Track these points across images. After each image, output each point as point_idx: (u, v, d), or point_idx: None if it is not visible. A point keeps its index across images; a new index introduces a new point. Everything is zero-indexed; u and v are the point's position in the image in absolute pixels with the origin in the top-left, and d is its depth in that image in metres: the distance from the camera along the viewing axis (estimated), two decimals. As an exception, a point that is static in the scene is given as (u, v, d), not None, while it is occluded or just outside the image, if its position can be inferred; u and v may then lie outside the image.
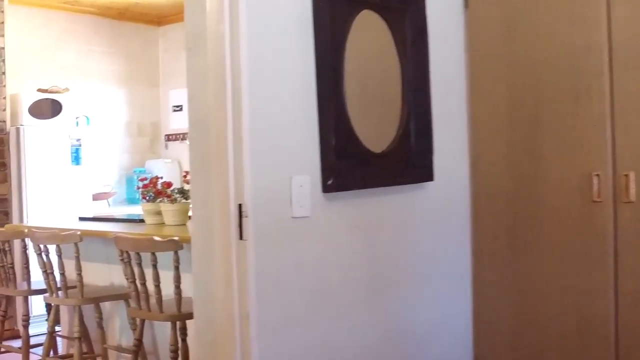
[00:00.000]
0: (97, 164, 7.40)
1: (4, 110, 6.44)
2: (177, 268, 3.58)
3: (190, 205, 4.89)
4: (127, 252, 3.75)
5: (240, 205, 2.46)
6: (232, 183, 2.47)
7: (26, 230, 4.37)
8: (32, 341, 4.66)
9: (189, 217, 4.58)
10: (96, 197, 7.11)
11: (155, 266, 3.62)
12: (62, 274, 4.14)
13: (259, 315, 2.48)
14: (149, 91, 8.16)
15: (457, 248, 3.48)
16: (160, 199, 4.54)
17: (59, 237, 4.07)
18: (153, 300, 3.70)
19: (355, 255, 2.89)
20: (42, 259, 4.20)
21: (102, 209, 7.09)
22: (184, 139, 8.00)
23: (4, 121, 6.42)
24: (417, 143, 3.17)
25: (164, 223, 4.59)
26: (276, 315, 2.56)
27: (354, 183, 2.83)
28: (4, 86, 6.43)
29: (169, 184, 4.54)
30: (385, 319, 3.04)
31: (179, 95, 8.05)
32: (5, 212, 6.39)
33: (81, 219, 5.31)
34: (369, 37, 3.02)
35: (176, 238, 3.55)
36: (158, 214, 4.61)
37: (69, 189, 6.63)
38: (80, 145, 6.71)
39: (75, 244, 4.06)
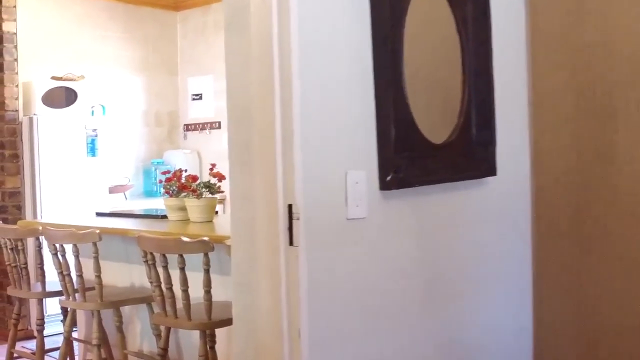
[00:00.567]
0: (113, 155, 7.07)
1: (16, 99, 6.11)
2: (207, 271, 3.25)
3: (218, 199, 4.59)
4: (151, 253, 3.42)
5: (290, 206, 2.12)
6: (280, 180, 2.12)
7: (40, 228, 4.04)
8: (47, 343, 4.34)
9: (216, 212, 4.26)
10: (113, 190, 6.79)
11: (183, 269, 3.28)
12: (80, 276, 3.82)
13: (311, 331, 2.14)
14: (167, 79, 7.83)
15: (518, 248, 3.14)
16: (185, 193, 4.20)
17: (76, 236, 3.74)
18: (179, 305, 3.37)
19: (413, 260, 2.55)
20: (58, 259, 3.88)
21: (119, 202, 6.77)
22: (203, 128, 7.67)
23: (16, 110, 6.10)
24: (478, 133, 2.82)
25: (188, 219, 4.27)
26: (330, 331, 2.22)
27: (415, 179, 2.48)
28: (16, 73, 6.10)
29: (194, 178, 4.21)
30: (444, 327, 2.70)
31: (199, 83, 7.71)
32: (18, 206, 6.08)
33: (98, 214, 4.98)
34: (428, 13, 2.68)
35: (206, 238, 3.22)
36: (182, 210, 4.29)
37: (85, 181, 6.30)
38: (96, 136, 6.38)
39: (94, 243, 3.73)
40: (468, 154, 2.80)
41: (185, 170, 4.42)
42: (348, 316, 2.29)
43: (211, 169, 4.24)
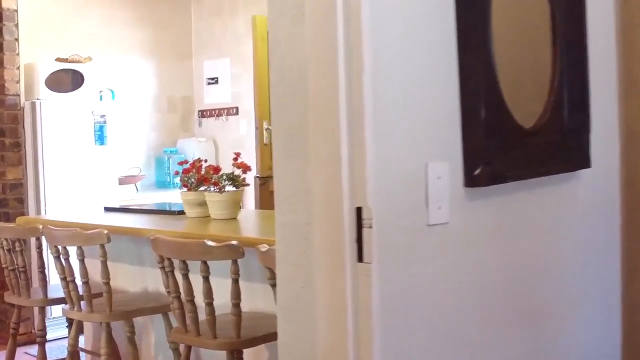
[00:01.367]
0: (123, 143, 6.56)
1: (17, 82, 5.60)
2: (236, 281, 2.73)
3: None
4: (168, 259, 2.91)
5: (359, 210, 1.59)
6: (346, 175, 1.60)
7: (41, 227, 3.53)
8: (53, 349, 3.84)
9: (240, 208, 3.74)
10: (123, 180, 6.28)
11: (207, 279, 2.77)
12: (85, 283, 3.31)
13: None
14: (181, 62, 7.30)
15: (606, 255, 2.60)
16: (205, 187, 3.69)
17: (82, 237, 3.23)
18: (201, 316, 2.86)
19: (500, 274, 2.02)
20: (61, 262, 3.37)
21: (129, 194, 6.26)
22: (219, 115, 7.14)
23: (17, 95, 5.59)
24: (571, 116, 2.28)
25: (208, 216, 3.76)
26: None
27: (510, 172, 1.95)
28: (17, 54, 5.59)
29: (216, 169, 3.69)
30: (535, 352, 2.17)
31: (214, 67, 7.19)
32: (20, 199, 5.57)
33: (107, 209, 4.47)
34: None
35: (235, 243, 2.69)
36: (201, 206, 3.77)
37: (93, 172, 5.80)
38: (104, 123, 5.87)
39: (102, 245, 3.22)
40: (559, 141, 2.27)
41: (205, 161, 3.90)
42: (429, 350, 1.77)
43: (235, 159, 3.72)
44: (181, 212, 3.95)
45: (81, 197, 5.69)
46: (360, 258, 1.60)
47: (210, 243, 2.70)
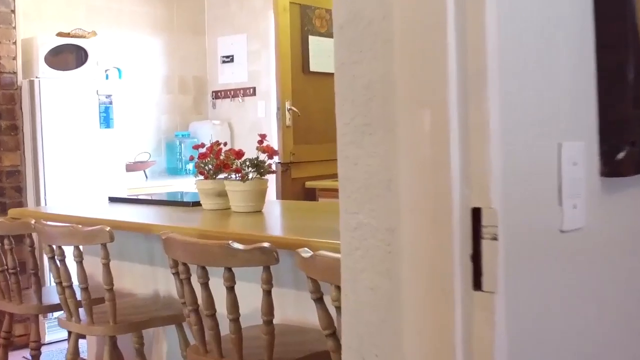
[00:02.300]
0: (131, 127, 6.04)
1: (14, 58, 5.07)
2: (268, 293, 2.20)
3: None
4: (184, 264, 2.38)
5: (476, 213, 1.06)
6: (456, 162, 1.06)
7: (33, 222, 3.01)
8: (53, 353, 3.34)
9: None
10: (131, 167, 5.76)
11: (232, 289, 2.24)
12: (85, 289, 2.79)
13: None
14: (193, 39, 6.76)
15: None
16: (225, 174, 3.16)
17: (79, 235, 2.71)
18: (223, 330, 2.34)
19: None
20: (56, 265, 2.85)
21: (138, 182, 5.74)
22: (235, 96, 6.61)
23: (14, 72, 5.06)
24: None
25: (228, 208, 3.23)
26: None
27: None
28: (14, 28, 5.06)
29: (238, 153, 3.16)
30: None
31: (230, 44, 6.65)
32: (18, 187, 5.06)
33: (112, 200, 3.94)
34: None
35: (267, 245, 2.16)
36: (220, 196, 3.25)
37: (97, 157, 5.27)
38: (110, 104, 5.34)
39: (104, 245, 2.69)
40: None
41: (225, 144, 3.36)
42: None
43: (260, 142, 3.18)
44: (197, 204, 3.43)
45: (85, 185, 5.17)
46: (477, 284, 1.06)
47: (236, 245, 2.16)
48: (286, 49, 5.11)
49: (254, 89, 6.45)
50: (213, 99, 6.81)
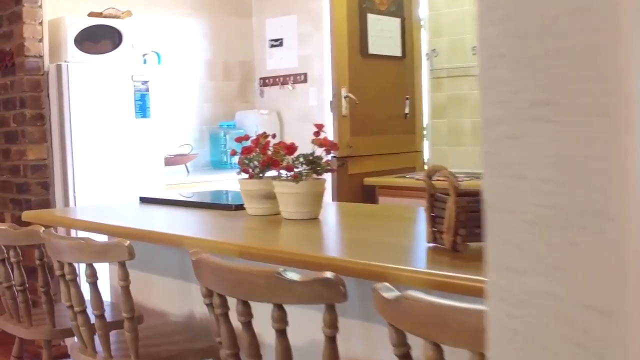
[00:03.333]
0: (170, 116, 5.52)
1: (40, 40, 4.57)
2: (332, 340, 1.62)
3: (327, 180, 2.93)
4: (220, 295, 1.81)
5: None
6: None
7: (42, 231, 2.47)
8: None
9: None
10: (170, 161, 5.24)
11: (283, 334, 1.66)
12: (100, 317, 2.24)
13: None
14: (238, 21, 6.21)
15: None
16: (276, 173, 2.60)
17: (90, 250, 2.16)
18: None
19: None
20: (67, 284, 2.31)
21: (178, 177, 5.21)
22: (284, 83, 6.04)
23: (40, 56, 4.56)
24: None
25: (277, 213, 2.67)
26: None
27: None
28: (40, 6, 4.56)
29: (290, 148, 2.59)
30: None
31: (278, 26, 6.08)
32: (44, 183, 4.56)
33: (143, 200, 3.40)
34: None
35: (331, 276, 1.57)
36: (268, 199, 2.68)
37: (133, 150, 4.75)
38: (147, 91, 4.81)
39: (122, 263, 2.14)
40: None
41: (273, 136, 2.79)
42: None
43: (317, 133, 2.60)
44: (240, 207, 2.87)
45: (118, 181, 4.65)
46: None
47: (289, 276, 1.58)
48: (342, 29, 4.53)
49: (305, 75, 5.87)
50: (260, 86, 6.25)
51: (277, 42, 6.09)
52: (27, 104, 4.51)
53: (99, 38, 4.77)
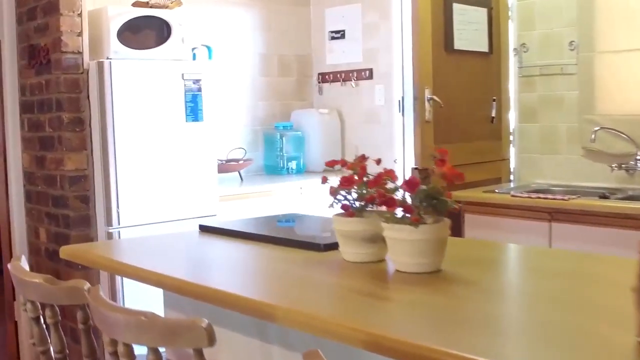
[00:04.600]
0: (221, 116, 4.95)
1: (79, 34, 4.01)
2: None
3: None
4: None
5: None
6: None
7: (87, 288, 1.90)
8: None
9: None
10: (222, 168, 4.66)
11: None
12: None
13: None
14: (295, 11, 5.60)
15: None
16: (383, 211, 2.01)
17: (156, 331, 1.57)
18: None
19: None
20: (119, 367, 1.73)
21: (231, 186, 4.63)
22: (346, 79, 5.43)
23: (79, 52, 4.00)
24: None
25: (382, 260, 2.08)
26: None
27: None
28: (79, -5, 4.00)
29: (412, 184, 1.98)
30: None
31: (340, 16, 5.47)
32: (84, 197, 4.01)
33: (203, 229, 2.82)
34: None
35: None
36: (372, 241, 2.09)
37: (183, 158, 4.18)
38: (199, 91, 4.23)
39: (198, 352, 1.56)
40: None
41: (365, 158, 2.19)
42: None
43: (442, 162, 2.00)
44: (331, 247, 2.29)
45: (167, 194, 4.09)
46: None
47: None
48: (426, 20, 3.90)
49: (371, 70, 5.26)
50: (319, 82, 5.65)
51: (338, 34, 5.49)
52: (64, 107, 3.95)
53: (145, 31, 4.19)
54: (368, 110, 5.29)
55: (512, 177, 4.68)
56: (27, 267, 2.18)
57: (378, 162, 2.25)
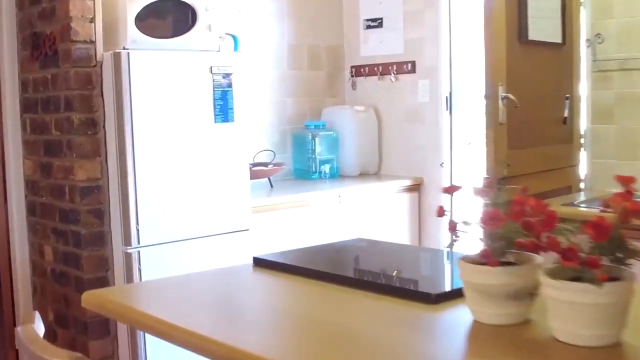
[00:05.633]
0: (250, 116, 4.37)
1: (91, 21, 3.42)
2: None
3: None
4: None
5: None
6: None
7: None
8: None
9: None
10: (251, 174, 4.07)
11: None
12: None
13: None
14: (326, -4, 5.05)
15: None
16: (535, 256, 1.45)
17: None
18: None
19: None
20: None
21: (261, 195, 4.05)
22: (384, 73, 4.86)
23: (91, 42, 3.42)
24: None
25: (527, 321, 1.51)
26: None
27: None
28: (94, -25, 3.41)
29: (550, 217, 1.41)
30: None
31: (377, 3, 4.89)
32: (98, 211, 3.43)
33: (258, 263, 2.25)
34: None
35: None
36: (516, 298, 1.52)
37: (212, 165, 3.61)
38: (230, 87, 3.66)
39: None
40: None
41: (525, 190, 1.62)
42: None
43: (628, 194, 1.42)
44: (442, 297, 1.73)
45: (195, 207, 3.51)
46: None
47: None
48: (500, 7, 3.32)
49: (413, 63, 4.69)
50: (352, 76, 5.07)
51: (376, 23, 4.91)
52: (74, 106, 3.37)
53: (168, 17, 3.62)
54: (410, 107, 4.73)
55: (582, 186, 4.11)
56: (42, 331, 1.61)
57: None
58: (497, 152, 3.30)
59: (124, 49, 3.38)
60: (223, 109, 3.61)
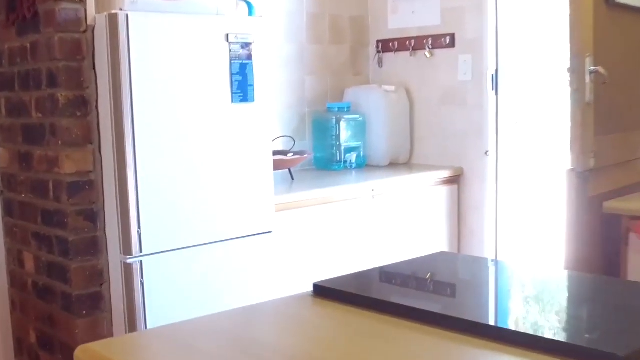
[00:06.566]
0: (267, 96, 3.72)
1: (81, -25, 2.76)
2: None
3: None
4: None
5: None
6: None
7: None
8: None
9: None
10: (277, 164, 3.44)
11: None
12: None
13: None
14: (350, -41, 4.40)
15: None
16: None
17: None
18: None
19: None
20: None
21: (282, 190, 3.42)
22: (417, 48, 4.22)
23: (81, 0, 2.75)
24: None
25: None
26: None
27: None
28: None
29: None
30: None
31: (409, -35, 4.25)
32: (89, 213, 2.78)
33: (319, 292, 1.61)
34: None
35: None
36: None
37: (229, 155, 2.96)
38: (250, 59, 3.01)
39: None
40: None
41: None
42: None
43: None
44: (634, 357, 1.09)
45: (208, 205, 2.88)
46: None
47: None
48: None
49: (452, 36, 4.06)
50: (378, 51, 4.43)
51: (407, -10, 4.27)
52: (60, 82, 2.71)
53: (172, -26, 2.96)
54: (448, 87, 4.10)
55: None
56: None
57: None
58: (583, 138, 2.67)
59: (120, 10, 2.71)
60: (242, 86, 2.96)
